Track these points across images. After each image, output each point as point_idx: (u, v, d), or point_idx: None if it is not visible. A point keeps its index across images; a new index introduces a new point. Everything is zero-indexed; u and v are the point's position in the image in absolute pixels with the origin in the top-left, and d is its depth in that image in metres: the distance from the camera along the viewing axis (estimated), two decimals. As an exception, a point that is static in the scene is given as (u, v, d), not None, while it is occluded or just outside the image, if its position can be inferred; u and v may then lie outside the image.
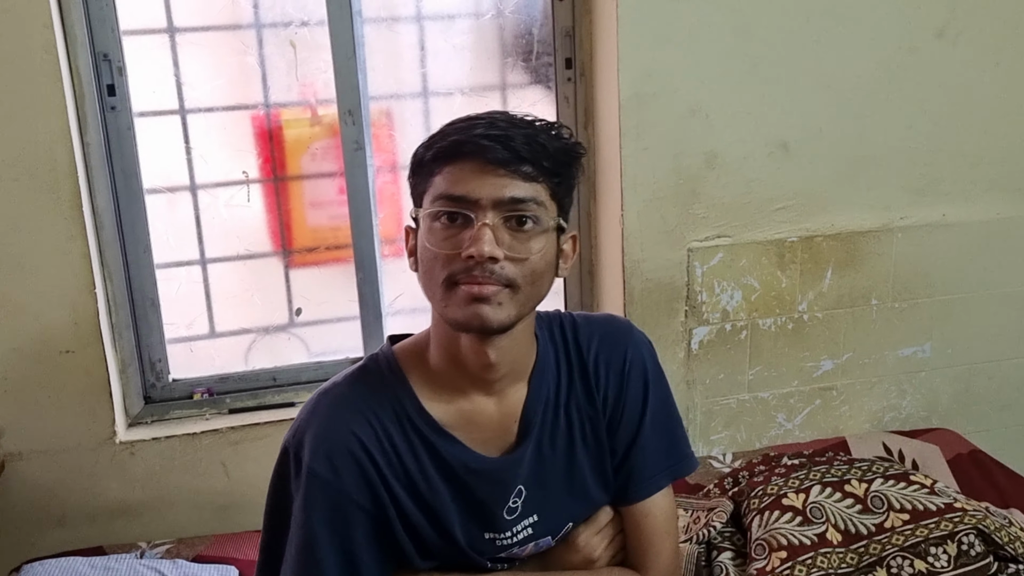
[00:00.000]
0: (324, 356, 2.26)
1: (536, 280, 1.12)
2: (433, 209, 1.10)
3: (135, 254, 2.06)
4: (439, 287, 1.10)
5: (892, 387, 2.33)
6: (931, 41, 2.16)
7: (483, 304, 1.08)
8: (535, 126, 1.12)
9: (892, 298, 2.27)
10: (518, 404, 1.23)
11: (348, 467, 1.14)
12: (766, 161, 2.13)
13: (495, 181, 1.08)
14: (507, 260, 1.08)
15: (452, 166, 1.09)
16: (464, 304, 1.09)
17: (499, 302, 1.09)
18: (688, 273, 2.14)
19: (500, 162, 1.08)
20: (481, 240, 1.06)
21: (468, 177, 1.08)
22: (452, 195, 1.09)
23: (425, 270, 1.13)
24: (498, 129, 1.09)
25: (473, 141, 1.08)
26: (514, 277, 1.09)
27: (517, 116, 1.13)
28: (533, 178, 1.10)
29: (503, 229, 1.09)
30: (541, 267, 1.12)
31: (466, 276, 1.08)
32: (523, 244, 1.10)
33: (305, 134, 2.15)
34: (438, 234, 1.10)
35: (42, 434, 1.98)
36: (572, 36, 2.17)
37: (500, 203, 1.08)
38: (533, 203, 1.10)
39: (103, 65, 1.95)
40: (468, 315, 1.09)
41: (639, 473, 1.30)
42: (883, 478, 1.84)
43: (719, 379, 2.22)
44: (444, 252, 1.09)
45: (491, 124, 1.09)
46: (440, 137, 1.12)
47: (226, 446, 2.08)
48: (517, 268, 1.09)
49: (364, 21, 2.08)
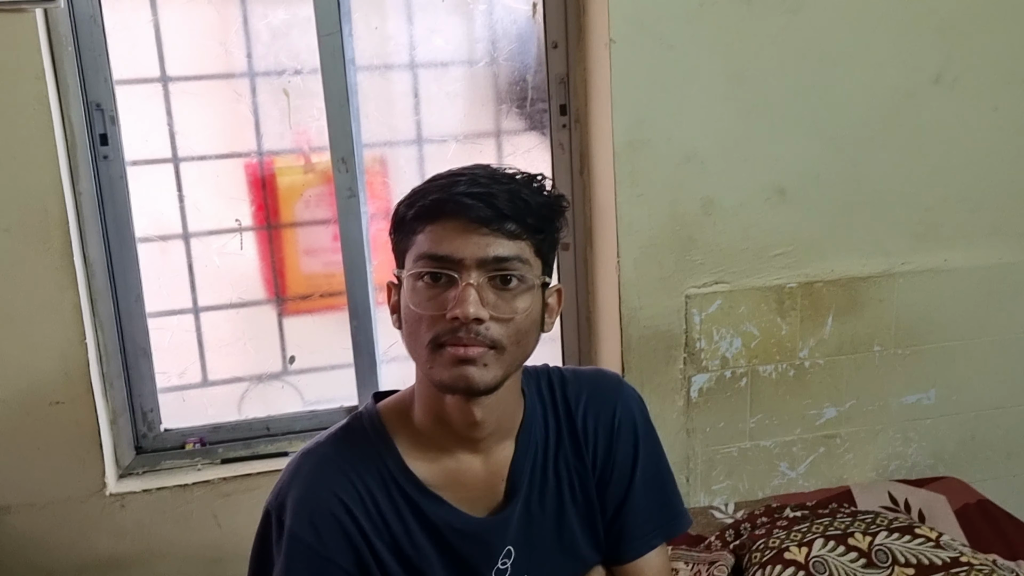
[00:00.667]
0: (318, 404, 2.23)
1: (522, 339, 1.11)
2: (416, 269, 1.08)
3: (127, 303, 2.04)
4: (424, 348, 1.08)
5: (897, 435, 2.29)
6: (928, 86, 2.14)
7: (469, 366, 1.07)
8: (517, 180, 1.11)
9: (895, 344, 2.23)
10: (505, 462, 1.20)
11: (331, 530, 1.11)
12: (763, 207, 2.11)
13: (478, 240, 1.06)
14: (492, 320, 1.07)
15: (434, 225, 1.08)
16: (450, 366, 1.07)
17: (485, 363, 1.08)
18: (686, 320, 2.12)
19: (483, 220, 1.06)
20: (466, 301, 1.04)
21: (451, 236, 1.07)
22: (435, 255, 1.07)
23: (410, 331, 1.11)
24: (480, 186, 1.07)
25: (455, 199, 1.06)
26: (499, 338, 1.07)
27: (499, 171, 1.12)
28: (517, 236, 1.08)
29: (488, 288, 1.07)
30: (526, 326, 1.11)
31: (451, 338, 1.06)
32: (508, 303, 1.08)
33: (298, 181, 2.14)
34: (422, 294, 1.08)
35: (31, 486, 1.95)
36: (566, 83, 2.16)
37: (484, 262, 1.07)
38: (518, 261, 1.08)
39: (96, 114, 1.95)
40: (454, 377, 1.07)
41: (631, 532, 1.28)
42: (887, 531, 1.80)
43: (719, 427, 2.18)
44: (428, 313, 1.07)
45: (472, 181, 1.08)
46: (421, 195, 1.10)
47: (218, 497, 2.05)
48: (502, 328, 1.08)
49: (357, 69, 2.08)
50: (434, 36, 2.14)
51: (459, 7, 2.14)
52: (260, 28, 2.05)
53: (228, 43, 2.05)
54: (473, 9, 2.15)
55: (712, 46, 2.01)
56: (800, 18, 2.04)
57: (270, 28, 2.06)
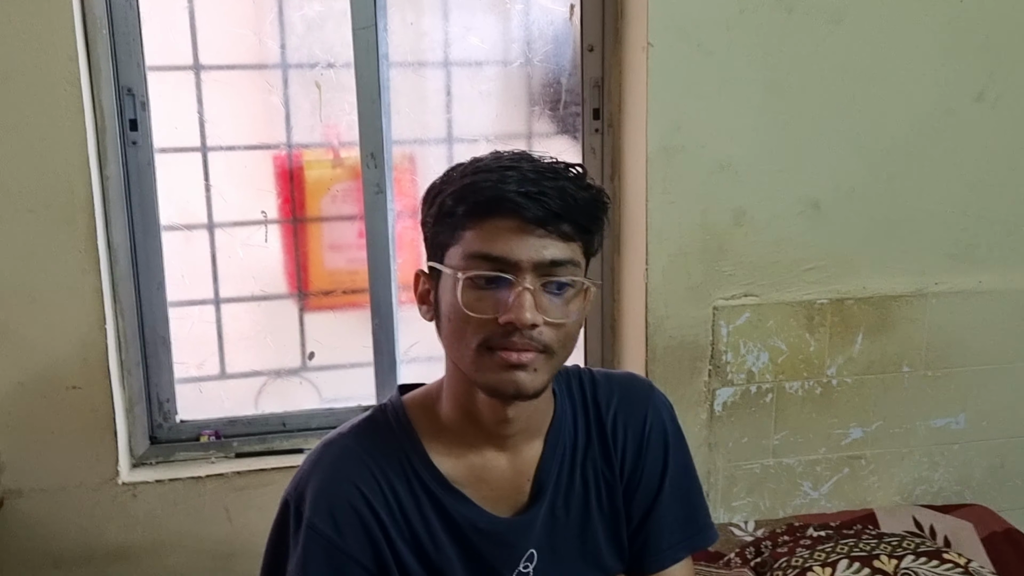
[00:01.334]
0: (335, 402, 2.20)
1: (569, 343, 1.08)
2: (469, 271, 1.04)
3: (148, 291, 2.03)
4: (471, 350, 1.05)
5: (924, 459, 2.24)
6: (969, 104, 2.11)
7: (519, 371, 1.04)
8: (562, 175, 1.06)
9: (925, 366, 2.19)
10: (532, 461, 1.17)
11: (350, 524, 1.08)
12: (796, 220, 2.08)
13: (534, 242, 1.03)
14: (545, 325, 1.03)
15: (487, 222, 1.03)
16: (499, 370, 1.04)
17: (535, 368, 1.05)
18: (713, 332, 2.08)
19: (539, 221, 1.02)
20: (522, 307, 1.01)
21: (506, 236, 1.03)
22: (490, 255, 1.03)
23: (454, 330, 1.07)
24: (530, 183, 1.03)
25: (509, 199, 1.02)
26: (551, 343, 1.04)
27: (542, 163, 1.07)
28: (570, 237, 1.05)
29: (541, 293, 1.04)
30: (575, 330, 1.09)
31: (503, 342, 1.03)
32: (560, 308, 1.05)
33: (326, 176, 2.13)
34: (471, 295, 1.04)
35: (43, 471, 1.93)
36: (601, 87, 2.14)
37: (540, 265, 1.03)
38: (571, 264, 1.05)
39: (126, 99, 1.94)
40: (503, 381, 1.04)
41: (656, 543, 1.24)
42: (914, 555, 1.76)
43: (742, 443, 2.14)
44: (479, 316, 1.03)
45: (523, 178, 1.03)
46: (471, 190, 1.04)
47: (231, 492, 2.02)
48: (554, 333, 1.05)
49: (391, 65, 2.06)
50: (469, 34, 2.12)
51: (496, 6, 2.12)
52: (295, 19, 2.04)
53: (262, 33, 2.04)
54: (510, 9, 2.13)
55: (751, 54, 1.98)
56: (842, 29, 2.01)
57: (305, 20, 2.05)
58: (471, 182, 1.05)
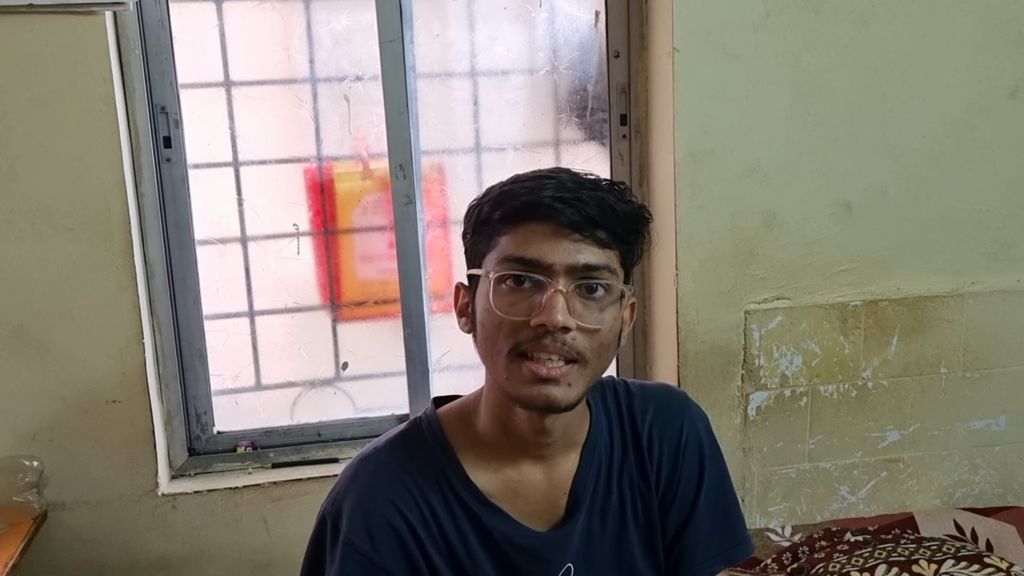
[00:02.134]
0: (369, 412, 2.22)
1: (603, 352, 1.06)
2: (501, 271, 1.04)
3: (184, 305, 2.06)
4: (503, 358, 1.04)
5: (964, 461, 2.21)
6: (1003, 101, 2.08)
7: (551, 385, 1.03)
8: (602, 187, 1.06)
9: (963, 367, 2.15)
10: (568, 475, 1.16)
11: (387, 539, 1.08)
12: (828, 222, 2.06)
13: (569, 246, 1.02)
14: (578, 331, 1.02)
15: (522, 227, 1.04)
16: (530, 383, 1.03)
17: (568, 382, 1.04)
18: (745, 336, 2.07)
19: (574, 226, 1.02)
20: (554, 308, 1.00)
21: (540, 240, 1.03)
22: (523, 258, 1.03)
23: (487, 336, 1.06)
24: (568, 191, 1.03)
25: (545, 203, 1.02)
26: (583, 350, 1.03)
27: (582, 176, 1.08)
28: (607, 244, 1.04)
29: (575, 297, 1.03)
30: (609, 339, 1.06)
31: (534, 346, 1.02)
32: (594, 314, 1.04)
33: (357, 187, 2.15)
34: (504, 298, 1.04)
35: (85, 484, 1.96)
36: (627, 93, 2.14)
37: (574, 269, 1.02)
38: (607, 271, 1.04)
39: (160, 117, 1.98)
40: (534, 395, 1.03)
41: (691, 556, 1.22)
42: (955, 559, 1.73)
43: (777, 447, 2.12)
44: (511, 318, 1.03)
45: (560, 185, 1.04)
46: (508, 196, 1.06)
47: (268, 502, 2.04)
48: (587, 340, 1.03)
49: (418, 76, 2.08)
50: (495, 44, 2.13)
51: (521, 16, 2.13)
52: (323, 34, 2.07)
53: (291, 49, 2.06)
54: (535, 18, 2.14)
55: (778, 56, 1.97)
56: (870, 28, 1.99)
57: (333, 34, 2.07)
58: (508, 190, 1.07)
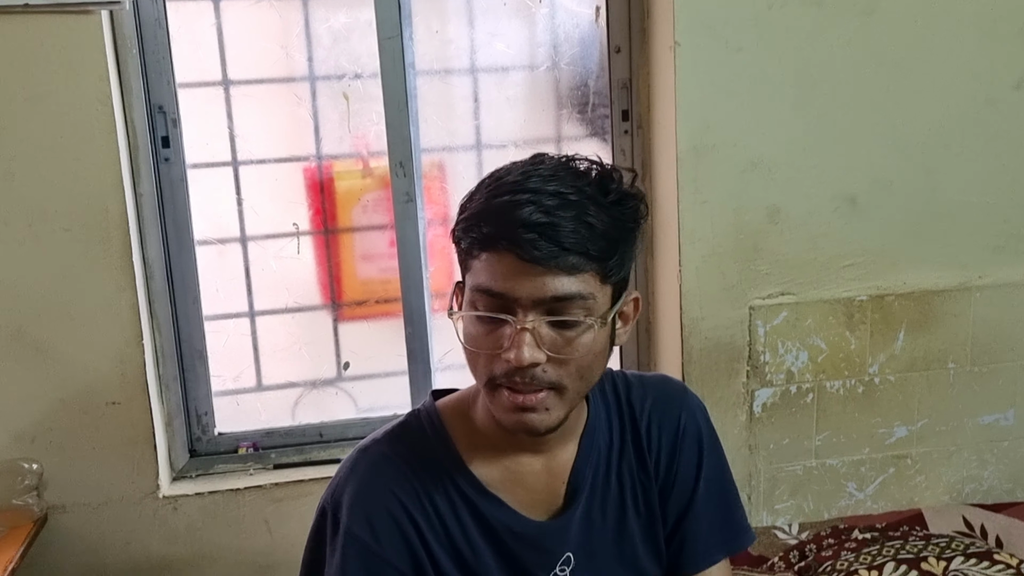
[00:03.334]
0: (371, 412, 2.21)
1: (585, 374, 1.05)
2: (471, 305, 1.03)
3: (184, 305, 2.05)
4: (483, 384, 1.05)
5: (972, 457, 2.18)
6: (1009, 92, 2.06)
7: (529, 412, 1.02)
8: (586, 193, 1.00)
9: (971, 362, 2.13)
10: (567, 464, 1.16)
11: (388, 530, 1.08)
12: (832, 216, 2.04)
13: (535, 279, 0.98)
14: (550, 363, 1.00)
15: (490, 255, 1.00)
16: (509, 411, 1.03)
17: (546, 408, 1.03)
18: (750, 332, 2.05)
19: (539, 260, 0.97)
20: (520, 347, 0.98)
21: (507, 271, 0.99)
22: (490, 290, 1.00)
23: (468, 359, 1.06)
24: (543, 213, 0.97)
25: (510, 236, 0.97)
26: (558, 379, 1.02)
27: (571, 181, 1.01)
28: (579, 269, 0.99)
29: (545, 328, 1.00)
30: (588, 360, 1.04)
31: (507, 381, 1.01)
32: (568, 343, 1.01)
33: (356, 186, 2.13)
34: (476, 328, 1.03)
35: (86, 487, 1.95)
36: (629, 88, 2.12)
37: (541, 302, 0.99)
38: (579, 298, 1.00)
39: (158, 117, 1.96)
40: (513, 422, 1.04)
41: (692, 545, 1.22)
42: (964, 556, 1.71)
43: (784, 444, 2.10)
44: (484, 351, 1.02)
45: (536, 206, 0.98)
46: (477, 219, 1.01)
47: (269, 503, 2.03)
48: (560, 369, 1.01)
49: (417, 73, 2.07)
50: (495, 40, 2.12)
51: (521, 11, 2.12)
52: (321, 32, 2.05)
53: (289, 47, 2.05)
54: (535, 13, 2.12)
55: (781, 49, 1.95)
56: (874, 20, 1.97)
57: (331, 32, 2.05)
58: (483, 209, 1.02)
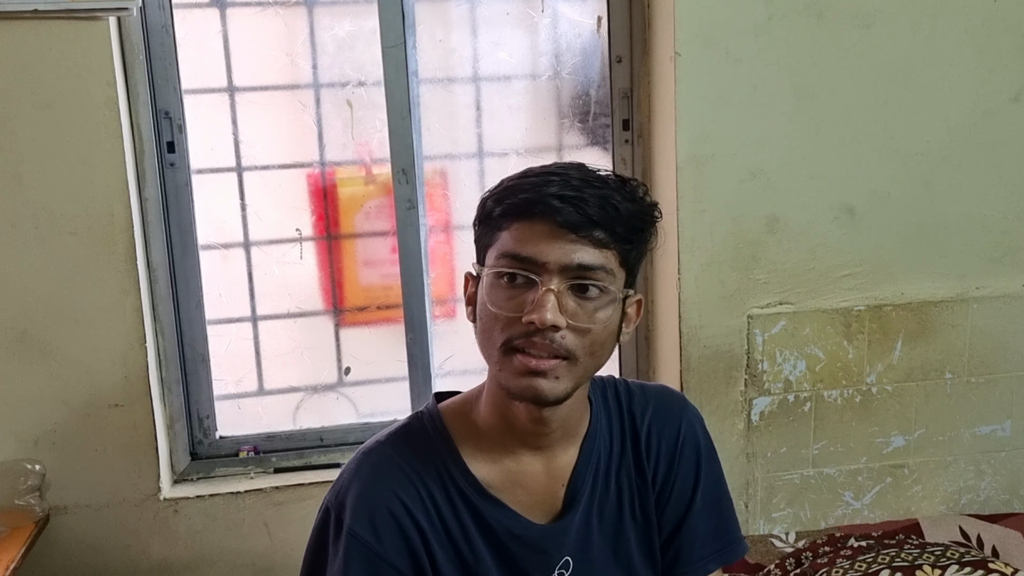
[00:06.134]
0: (372, 417, 2.22)
1: (596, 351, 1.08)
2: (497, 267, 1.06)
3: (187, 309, 2.06)
4: (496, 350, 1.07)
5: (969, 467, 2.19)
6: (1007, 105, 2.07)
7: (539, 378, 1.05)
8: (609, 185, 1.07)
9: (968, 372, 2.14)
10: (567, 468, 1.18)
11: (390, 531, 1.09)
12: (831, 226, 2.06)
13: (565, 245, 1.04)
14: (569, 329, 1.04)
15: (521, 224, 1.05)
16: (519, 375, 1.05)
17: (556, 376, 1.05)
18: (748, 341, 2.06)
19: (571, 225, 1.03)
20: (544, 307, 1.02)
21: (536, 238, 1.04)
22: (518, 255, 1.05)
23: (483, 328, 1.09)
24: (571, 189, 1.04)
25: (545, 201, 1.03)
26: (574, 348, 1.05)
27: (592, 172, 1.09)
28: (604, 244, 1.05)
29: (568, 295, 1.04)
30: (603, 337, 1.08)
31: (525, 342, 1.04)
32: (587, 314, 1.05)
33: (359, 193, 2.15)
34: (500, 294, 1.06)
35: (87, 488, 1.96)
36: (630, 97, 2.14)
37: (567, 269, 1.04)
38: (602, 271, 1.05)
39: (164, 122, 1.98)
40: (522, 387, 1.05)
41: (687, 555, 1.24)
42: (959, 565, 1.72)
43: (781, 453, 2.11)
44: (505, 314, 1.05)
45: (565, 182, 1.05)
46: (511, 192, 1.07)
47: (270, 506, 2.04)
48: (578, 339, 1.05)
49: (420, 81, 2.09)
50: (498, 49, 2.14)
51: (524, 21, 2.14)
52: (326, 40, 2.07)
53: (294, 54, 2.07)
54: (537, 23, 2.14)
55: (780, 60, 1.97)
56: (873, 33, 1.99)
57: (335, 40, 2.08)
58: (513, 185, 1.08)
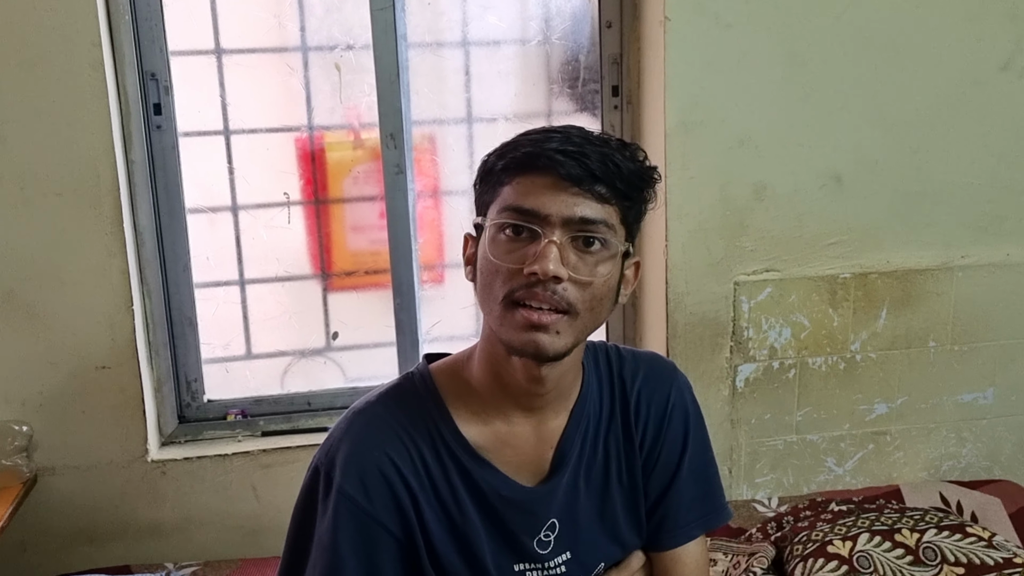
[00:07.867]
0: (359, 382, 2.23)
1: (596, 306, 1.08)
2: (499, 220, 1.07)
3: (174, 273, 2.06)
4: (497, 304, 1.07)
5: (951, 434, 2.22)
6: (995, 74, 2.07)
7: (540, 332, 1.05)
8: (610, 144, 1.08)
9: (951, 340, 2.16)
10: (557, 431, 1.19)
11: (380, 490, 1.10)
12: (818, 194, 2.06)
13: (566, 198, 1.04)
14: (570, 282, 1.04)
15: (523, 178, 1.06)
16: (520, 329, 1.05)
17: (557, 331, 1.05)
18: (734, 308, 2.07)
19: (573, 179, 1.04)
20: (547, 258, 1.02)
21: (539, 191, 1.05)
22: (521, 208, 1.05)
23: (484, 283, 1.09)
24: (573, 145, 1.05)
25: (547, 155, 1.04)
26: (575, 301, 1.05)
27: (592, 133, 1.10)
28: (606, 199, 1.06)
29: (570, 249, 1.05)
30: (603, 292, 1.08)
31: (526, 294, 1.04)
32: (589, 267, 1.06)
33: (348, 157, 2.14)
34: (502, 246, 1.06)
35: (75, 449, 1.97)
36: (619, 63, 2.13)
37: (570, 221, 1.04)
38: (603, 225, 1.06)
39: (150, 84, 1.97)
40: (523, 341, 1.05)
41: (672, 520, 1.26)
42: (937, 528, 1.74)
43: (765, 419, 2.13)
44: (506, 266, 1.05)
45: (566, 139, 1.06)
46: (513, 147, 1.08)
47: (257, 469, 2.06)
48: (579, 292, 1.05)
49: (409, 45, 2.07)
50: (487, 14, 2.13)
51: (513, -15, 2.13)
52: (314, 2, 2.06)
53: (282, 16, 2.06)
54: (527, -13, 2.13)
55: (771, 26, 1.97)
56: (863, 0, 1.98)
57: (324, 2, 2.06)
58: (514, 142, 1.09)
